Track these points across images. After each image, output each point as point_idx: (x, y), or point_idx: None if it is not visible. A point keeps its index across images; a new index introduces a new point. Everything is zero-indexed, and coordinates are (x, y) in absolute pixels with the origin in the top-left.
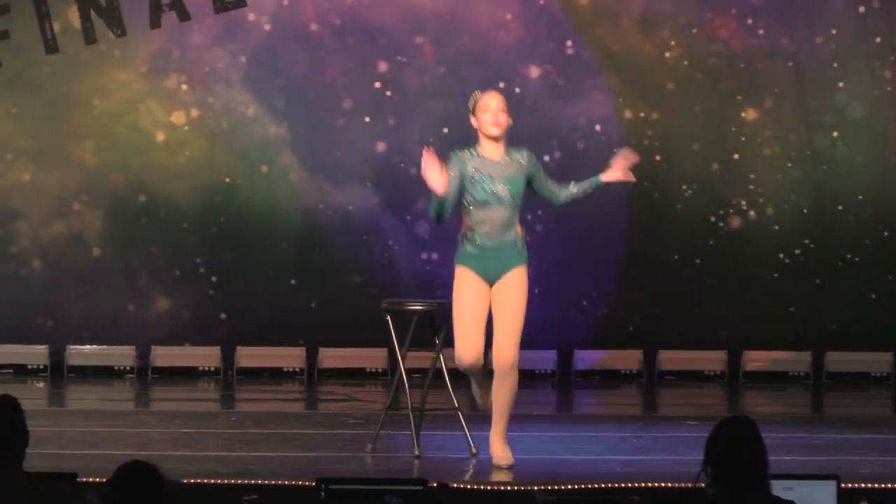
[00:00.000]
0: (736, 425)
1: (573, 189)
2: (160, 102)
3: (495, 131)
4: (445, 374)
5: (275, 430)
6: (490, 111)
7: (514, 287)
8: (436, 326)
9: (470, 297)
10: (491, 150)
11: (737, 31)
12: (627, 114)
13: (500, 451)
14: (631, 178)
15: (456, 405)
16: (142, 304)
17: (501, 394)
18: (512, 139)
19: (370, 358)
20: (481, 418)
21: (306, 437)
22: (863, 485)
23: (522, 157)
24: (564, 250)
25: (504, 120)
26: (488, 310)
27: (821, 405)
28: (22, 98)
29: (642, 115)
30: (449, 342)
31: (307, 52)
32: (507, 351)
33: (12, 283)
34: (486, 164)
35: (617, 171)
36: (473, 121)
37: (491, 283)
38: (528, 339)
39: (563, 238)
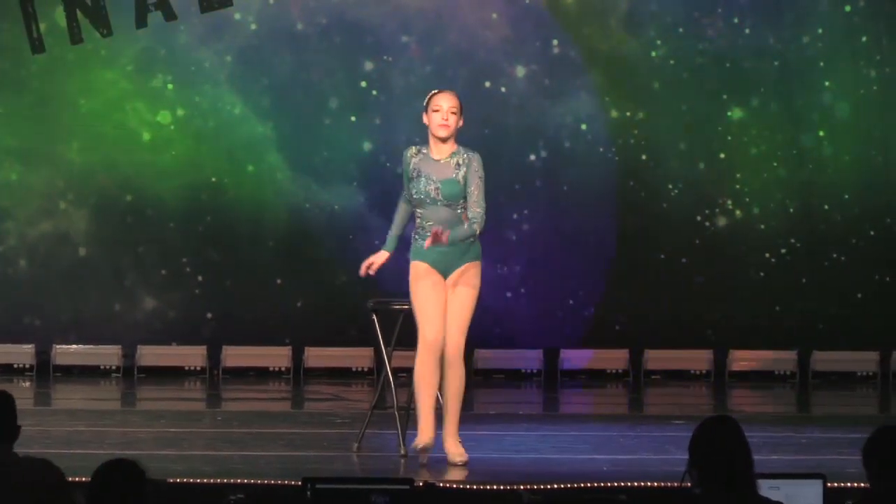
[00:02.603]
0: (716, 426)
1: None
2: (146, 102)
3: (442, 132)
4: None
5: (261, 430)
6: (441, 111)
7: (463, 282)
8: None
9: (427, 285)
10: (437, 150)
11: (723, 30)
12: (613, 113)
13: (452, 448)
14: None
15: (442, 404)
16: (128, 303)
17: (450, 387)
18: (499, 138)
19: (356, 357)
20: (467, 418)
21: (292, 436)
22: (849, 484)
23: (464, 159)
24: (551, 249)
25: (454, 122)
26: (445, 298)
27: (807, 404)
28: (8, 98)
29: (628, 114)
30: None
31: (293, 51)
32: (452, 340)
33: None
34: (428, 164)
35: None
36: (425, 118)
37: (444, 275)
38: (514, 338)
39: (550, 237)
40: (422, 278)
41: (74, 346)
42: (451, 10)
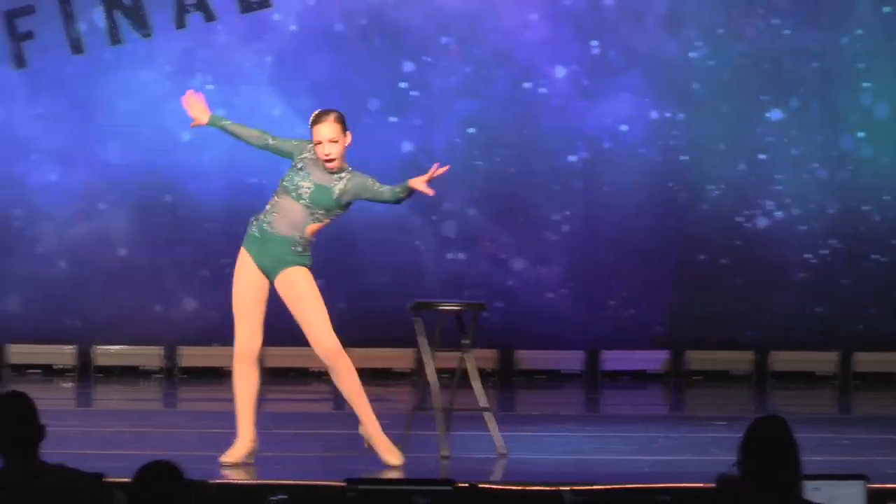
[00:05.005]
0: (770, 426)
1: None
2: None
3: (330, 165)
4: (473, 375)
5: (302, 431)
6: (322, 145)
7: (299, 284)
8: (463, 326)
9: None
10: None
11: (763, 30)
12: (653, 114)
13: (381, 449)
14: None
15: (483, 405)
16: (168, 304)
17: (341, 387)
18: (538, 139)
19: (398, 358)
20: (510, 419)
21: (333, 437)
22: (891, 485)
23: (349, 175)
24: (591, 250)
25: (337, 150)
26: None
27: (848, 405)
28: (48, 98)
29: (668, 115)
30: (477, 342)
31: (333, 52)
32: (321, 346)
33: (39, 283)
34: (316, 165)
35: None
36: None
37: (270, 275)
38: (555, 339)
39: (590, 239)
40: (242, 272)
41: (115, 346)
42: (491, 12)
